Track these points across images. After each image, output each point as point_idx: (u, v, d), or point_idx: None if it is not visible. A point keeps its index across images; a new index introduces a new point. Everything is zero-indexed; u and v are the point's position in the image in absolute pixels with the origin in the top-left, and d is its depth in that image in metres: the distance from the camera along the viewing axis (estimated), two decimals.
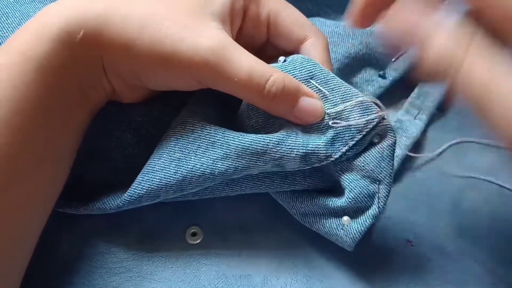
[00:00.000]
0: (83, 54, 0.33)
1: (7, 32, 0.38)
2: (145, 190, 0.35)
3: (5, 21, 0.38)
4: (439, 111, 0.48)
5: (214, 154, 0.35)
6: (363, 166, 0.35)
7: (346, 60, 0.47)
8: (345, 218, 0.36)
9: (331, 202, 0.36)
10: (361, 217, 0.35)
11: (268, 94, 0.33)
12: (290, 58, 0.37)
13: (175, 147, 0.35)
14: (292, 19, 0.39)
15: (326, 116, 0.35)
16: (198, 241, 0.40)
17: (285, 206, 0.40)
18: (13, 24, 0.38)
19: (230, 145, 0.34)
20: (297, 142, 0.34)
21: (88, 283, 0.37)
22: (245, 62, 0.33)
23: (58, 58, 0.32)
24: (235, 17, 0.37)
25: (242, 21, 0.38)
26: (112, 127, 0.39)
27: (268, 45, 0.41)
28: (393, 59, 0.49)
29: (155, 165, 0.36)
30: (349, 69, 0.48)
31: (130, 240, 0.40)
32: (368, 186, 0.35)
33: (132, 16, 0.33)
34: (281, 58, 0.37)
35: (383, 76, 0.48)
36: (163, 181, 0.35)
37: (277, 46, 0.40)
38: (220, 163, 0.34)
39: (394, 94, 0.50)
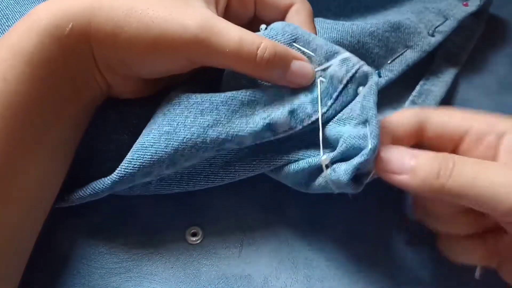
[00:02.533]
0: (73, 48, 0.33)
1: None
2: (137, 168, 0.35)
3: (5, 23, 0.38)
4: None
5: (204, 122, 0.35)
6: (351, 114, 0.35)
7: None
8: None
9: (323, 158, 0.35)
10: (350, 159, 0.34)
11: (261, 61, 0.34)
12: (271, 25, 0.38)
13: (163, 122, 0.35)
14: None
15: None
16: (198, 241, 0.40)
17: (290, 184, 0.39)
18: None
19: (219, 110, 0.35)
20: (283, 101, 0.35)
21: (88, 283, 0.37)
22: (233, 32, 0.34)
23: (47, 51, 0.32)
24: None
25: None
26: (109, 129, 0.39)
27: (254, 20, 0.41)
28: (389, 61, 0.49)
29: (144, 142, 0.35)
30: None
31: (130, 240, 0.40)
32: (358, 132, 0.34)
33: (117, 4, 0.33)
34: (263, 26, 0.38)
35: (378, 75, 0.49)
36: (155, 157, 0.35)
37: (264, 19, 0.40)
38: (211, 130, 0.35)
39: (395, 93, 0.50)
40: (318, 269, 0.39)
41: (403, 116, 0.36)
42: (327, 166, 0.35)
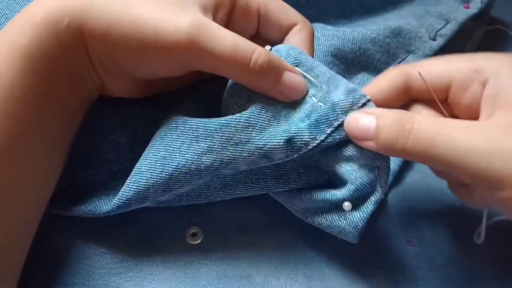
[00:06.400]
0: (68, 42, 0.33)
1: None
2: (132, 192, 0.35)
3: (4, 22, 0.38)
4: None
5: (199, 148, 0.34)
6: (359, 155, 0.34)
7: (344, 64, 0.48)
8: (346, 204, 0.35)
9: (330, 196, 0.36)
10: (363, 204, 0.35)
11: (254, 67, 0.33)
12: (275, 47, 0.37)
13: (160, 146, 0.35)
14: (280, 9, 0.39)
15: (311, 98, 0.35)
16: (198, 242, 0.40)
17: (285, 204, 0.39)
18: None
19: (214, 137, 0.34)
20: (279, 128, 0.34)
21: (88, 283, 0.37)
22: (228, 36, 0.33)
23: (43, 46, 0.32)
24: (220, 7, 0.37)
25: (231, 13, 0.38)
26: (107, 130, 0.39)
27: (256, 38, 0.41)
28: (391, 66, 0.49)
29: (141, 166, 0.36)
30: (346, 73, 0.48)
31: (130, 240, 0.40)
32: (368, 175, 0.34)
33: (112, 2, 0.33)
34: (267, 47, 0.37)
35: None
36: (150, 181, 0.35)
37: (266, 38, 0.40)
38: (205, 157, 0.34)
39: None
40: (318, 269, 0.39)
41: (386, 81, 0.37)
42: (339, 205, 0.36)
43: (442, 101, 0.37)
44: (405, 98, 0.37)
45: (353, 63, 0.48)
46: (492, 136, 0.30)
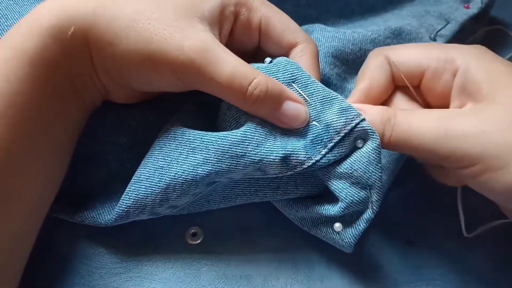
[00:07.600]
0: (74, 50, 0.33)
1: None
2: (132, 200, 0.36)
3: (4, 23, 0.38)
4: None
5: (195, 160, 0.35)
6: (351, 173, 0.34)
7: (344, 65, 0.47)
8: (337, 225, 0.36)
9: (324, 211, 0.36)
10: (355, 222, 0.36)
11: (251, 96, 0.33)
12: (275, 60, 0.37)
13: (159, 156, 0.36)
14: (283, 25, 0.39)
15: None
16: (198, 242, 0.40)
17: (283, 212, 0.40)
18: (13, 26, 0.38)
19: (209, 149, 0.34)
20: (275, 145, 0.34)
21: (89, 283, 0.38)
22: (229, 63, 0.33)
23: (49, 53, 0.32)
24: (224, 21, 0.37)
25: (233, 26, 0.38)
26: (108, 131, 0.39)
27: (259, 51, 0.41)
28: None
29: (140, 175, 0.36)
30: (346, 74, 0.48)
31: (130, 240, 0.40)
32: (358, 193, 0.34)
33: (120, 14, 0.33)
34: (267, 59, 0.38)
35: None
36: (149, 190, 0.35)
37: (268, 52, 0.40)
38: (201, 169, 0.34)
39: None
40: (318, 269, 0.39)
41: (376, 75, 0.39)
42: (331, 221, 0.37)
43: (415, 87, 0.39)
44: (393, 86, 0.40)
45: (353, 64, 0.48)
46: (457, 123, 0.34)
